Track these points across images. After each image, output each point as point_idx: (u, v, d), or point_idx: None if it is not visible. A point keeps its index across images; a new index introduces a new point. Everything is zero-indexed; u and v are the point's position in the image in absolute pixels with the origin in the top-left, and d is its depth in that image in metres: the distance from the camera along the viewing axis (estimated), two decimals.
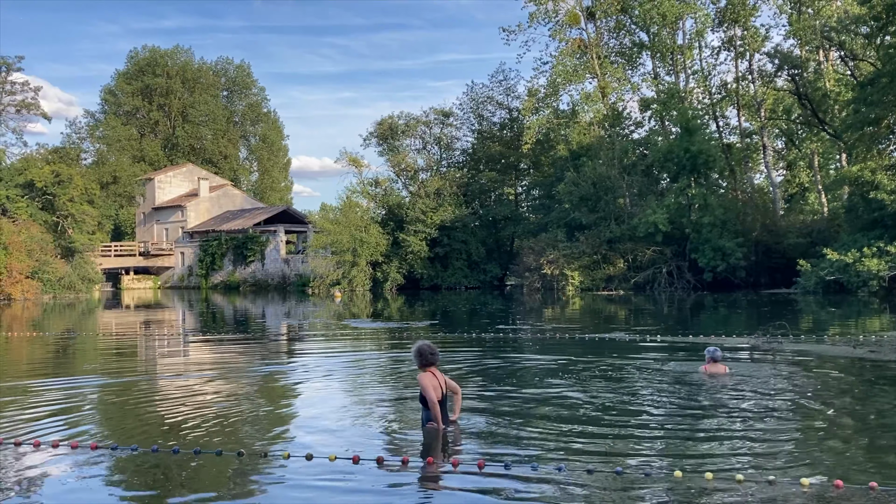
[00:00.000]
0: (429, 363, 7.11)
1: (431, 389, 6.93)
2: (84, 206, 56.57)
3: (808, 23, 43.61)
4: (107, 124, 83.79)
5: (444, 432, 6.90)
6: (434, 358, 7.13)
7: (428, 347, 7.16)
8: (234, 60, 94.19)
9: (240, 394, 9.75)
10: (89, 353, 15.70)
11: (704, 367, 10.29)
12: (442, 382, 7.07)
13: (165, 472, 5.94)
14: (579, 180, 46.05)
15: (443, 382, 7.08)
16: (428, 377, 7.01)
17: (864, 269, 32.28)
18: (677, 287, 41.54)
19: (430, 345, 7.19)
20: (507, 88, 60.84)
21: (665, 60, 51.77)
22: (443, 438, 6.81)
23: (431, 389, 6.93)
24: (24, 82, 58.61)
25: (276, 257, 63.23)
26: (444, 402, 7.05)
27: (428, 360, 7.11)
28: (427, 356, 7.13)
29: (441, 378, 7.11)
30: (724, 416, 7.79)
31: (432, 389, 6.93)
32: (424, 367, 7.11)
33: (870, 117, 34.69)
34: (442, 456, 6.32)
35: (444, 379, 7.16)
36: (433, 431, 6.90)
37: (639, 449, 6.45)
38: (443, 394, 7.03)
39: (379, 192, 57.67)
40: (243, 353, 14.63)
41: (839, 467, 5.78)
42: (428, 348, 7.15)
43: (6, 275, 45.28)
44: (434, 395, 6.92)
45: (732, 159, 49.29)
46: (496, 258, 57.49)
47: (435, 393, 6.93)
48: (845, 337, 15.40)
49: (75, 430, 7.49)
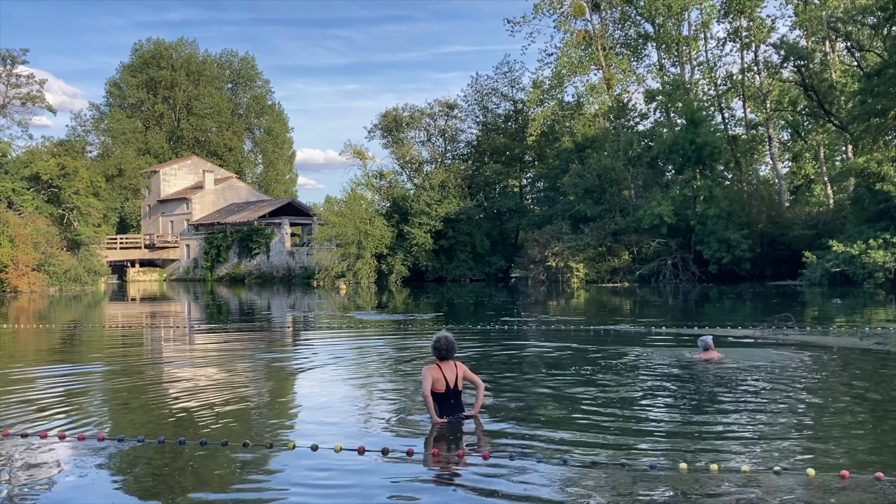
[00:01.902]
0: (439, 357, 7.11)
1: (426, 382, 6.94)
2: (89, 199, 56.72)
3: (814, 13, 43.41)
4: (112, 117, 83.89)
5: (441, 425, 6.87)
6: (442, 353, 7.09)
7: (439, 342, 7.12)
8: (238, 53, 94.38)
9: (245, 385, 9.78)
10: (95, 345, 15.75)
11: (700, 356, 10.89)
12: (453, 376, 7.04)
13: (171, 463, 5.95)
14: (584, 172, 45.99)
15: (454, 376, 7.05)
16: (431, 370, 7.01)
17: (870, 260, 32.20)
18: (682, 279, 41.50)
19: (446, 338, 7.12)
20: (511, 80, 60.84)
21: (670, 52, 51.59)
22: (452, 430, 6.80)
23: (426, 382, 6.94)
24: (29, 75, 58.74)
25: (281, 250, 63.31)
26: (450, 395, 7.02)
27: (438, 354, 7.12)
28: (436, 351, 7.13)
29: (455, 371, 7.07)
30: (728, 407, 7.78)
31: (428, 382, 6.94)
32: (438, 360, 7.12)
33: (876, 108, 34.55)
34: (447, 447, 6.33)
35: (461, 373, 7.12)
36: (438, 424, 6.90)
37: (643, 441, 6.44)
38: (449, 387, 7.00)
39: (383, 185, 57.68)
40: (249, 345, 14.65)
41: (845, 458, 5.76)
42: (439, 342, 7.12)
43: (12, 267, 45.43)
44: (426, 387, 6.92)
45: (738, 151, 49.14)
46: (501, 250, 57.48)
47: (437, 386, 6.94)
48: (851, 328, 15.37)
49: (82, 422, 7.51)
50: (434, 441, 6.53)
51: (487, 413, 7.49)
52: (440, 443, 6.48)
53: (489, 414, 7.47)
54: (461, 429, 6.87)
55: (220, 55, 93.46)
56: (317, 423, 7.26)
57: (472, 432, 6.80)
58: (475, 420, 7.11)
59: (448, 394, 7.01)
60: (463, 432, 6.78)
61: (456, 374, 7.07)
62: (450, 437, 6.67)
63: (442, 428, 6.84)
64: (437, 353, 7.12)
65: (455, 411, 7.05)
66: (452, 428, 6.86)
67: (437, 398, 7.01)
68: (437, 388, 6.98)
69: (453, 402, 7.06)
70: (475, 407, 7.22)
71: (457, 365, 7.13)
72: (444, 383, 6.98)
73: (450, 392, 7.02)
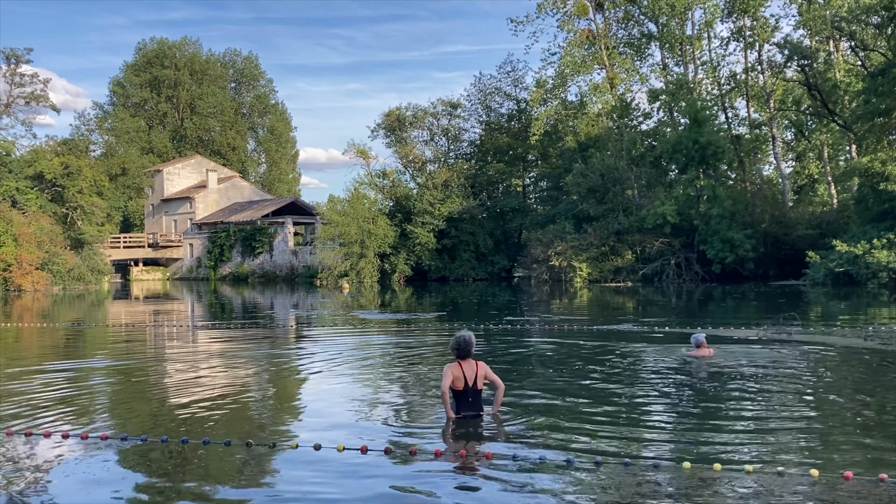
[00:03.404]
0: (458, 356, 7.18)
1: (446, 379, 7.05)
2: (93, 198, 56.77)
3: (818, 13, 43.30)
4: (115, 116, 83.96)
5: (455, 421, 6.96)
6: (460, 352, 7.16)
7: (457, 341, 7.20)
8: (241, 52, 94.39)
9: (248, 384, 9.79)
10: (99, 344, 15.77)
11: (692, 353, 11.16)
12: (472, 374, 7.10)
13: (174, 462, 5.96)
14: (587, 172, 45.94)
15: (473, 374, 7.11)
16: (451, 368, 7.10)
17: (874, 260, 32.13)
18: (686, 279, 41.45)
19: (465, 338, 7.18)
20: (514, 79, 60.78)
21: (674, 51, 51.52)
22: (459, 430, 6.81)
23: (446, 379, 7.05)
24: (33, 74, 58.58)
25: (284, 249, 63.36)
26: (468, 393, 7.09)
27: (458, 353, 7.19)
28: (456, 349, 7.20)
29: (475, 370, 7.13)
30: (732, 406, 7.77)
31: (447, 380, 7.04)
32: (458, 359, 7.17)
33: (880, 108, 34.48)
34: (451, 447, 6.32)
35: (481, 372, 7.17)
36: (453, 419, 6.99)
37: (646, 440, 6.44)
38: (468, 386, 7.07)
39: (387, 184, 57.66)
40: (252, 344, 14.66)
41: (849, 458, 5.75)
42: (458, 341, 7.19)
43: (16, 266, 45.52)
44: (445, 384, 7.03)
45: (741, 150, 49.06)
46: (504, 250, 57.47)
47: (456, 384, 7.04)
48: (855, 328, 15.33)
49: (85, 421, 7.52)
50: (444, 438, 6.58)
51: (490, 413, 7.49)
52: (444, 442, 6.48)
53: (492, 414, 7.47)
54: (468, 428, 6.86)
55: (223, 54, 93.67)
56: (320, 423, 7.27)
57: (476, 432, 6.79)
58: (495, 418, 7.16)
59: (466, 391, 7.09)
60: (468, 432, 6.78)
61: (476, 373, 7.14)
62: (454, 436, 6.67)
63: (455, 425, 6.91)
64: (456, 352, 7.20)
65: (472, 409, 7.13)
66: (458, 428, 6.86)
67: (455, 396, 7.13)
68: (455, 386, 7.08)
69: (471, 401, 7.13)
70: (494, 406, 7.29)
71: (478, 364, 7.21)
72: (463, 381, 7.07)
73: (468, 390, 7.10)
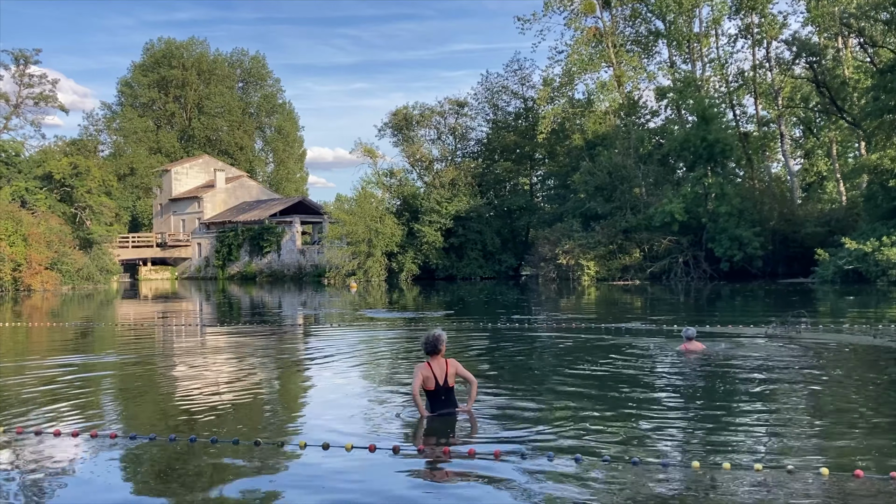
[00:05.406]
0: (427, 353, 7.18)
1: (415, 380, 7.06)
2: (102, 198, 56.98)
3: (826, 9, 43.06)
4: (123, 116, 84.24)
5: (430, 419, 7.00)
6: (428, 348, 7.15)
7: (427, 338, 7.19)
8: (248, 52, 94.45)
9: (257, 383, 9.80)
10: (108, 343, 15.82)
11: (683, 346, 11.08)
12: (442, 373, 7.09)
13: (183, 461, 5.97)
14: (595, 170, 45.85)
15: (443, 373, 7.10)
16: (421, 368, 7.10)
17: (884, 258, 31.96)
18: (694, 277, 41.34)
19: (434, 335, 7.17)
20: (521, 78, 60.66)
21: (681, 49, 51.32)
22: (459, 428, 6.82)
23: (415, 380, 7.06)
24: (41, 75, 58.80)
25: (292, 248, 63.45)
26: (440, 391, 7.09)
27: (425, 350, 7.19)
28: (425, 346, 7.20)
29: (444, 368, 7.11)
30: (741, 405, 7.74)
31: (417, 381, 7.05)
32: (428, 357, 7.17)
33: (889, 105, 34.29)
34: (459, 443, 6.31)
35: (451, 369, 7.15)
36: (426, 417, 7.02)
37: (655, 439, 6.42)
38: (439, 384, 7.07)
39: (394, 183, 57.69)
40: (260, 343, 14.68)
41: (859, 457, 5.72)
42: (425, 339, 7.19)
43: (26, 266, 45.73)
44: (414, 385, 7.04)
45: (749, 148, 48.88)
46: (511, 248, 57.40)
47: (427, 384, 7.06)
48: (864, 326, 15.26)
49: (94, 420, 7.55)
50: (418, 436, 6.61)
51: (497, 411, 7.48)
52: (422, 438, 6.49)
53: (501, 412, 7.47)
54: (473, 426, 6.86)
55: (230, 54, 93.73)
56: (328, 422, 7.27)
57: (483, 429, 6.77)
58: (469, 415, 7.14)
59: (438, 390, 7.10)
60: (468, 430, 6.77)
61: (446, 371, 7.12)
62: (455, 435, 6.66)
63: (433, 422, 6.94)
64: (425, 350, 7.20)
65: (446, 407, 7.14)
66: (458, 425, 6.86)
67: (428, 395, 7.14)
68: (427, 386, 7.10)
69: (444, 399, 7.14)
70: (468, 402, 7.27)
71: (447, 362, 7.18)
72: (433, 381, 7.07)
73: (440, 389, 7.10)
